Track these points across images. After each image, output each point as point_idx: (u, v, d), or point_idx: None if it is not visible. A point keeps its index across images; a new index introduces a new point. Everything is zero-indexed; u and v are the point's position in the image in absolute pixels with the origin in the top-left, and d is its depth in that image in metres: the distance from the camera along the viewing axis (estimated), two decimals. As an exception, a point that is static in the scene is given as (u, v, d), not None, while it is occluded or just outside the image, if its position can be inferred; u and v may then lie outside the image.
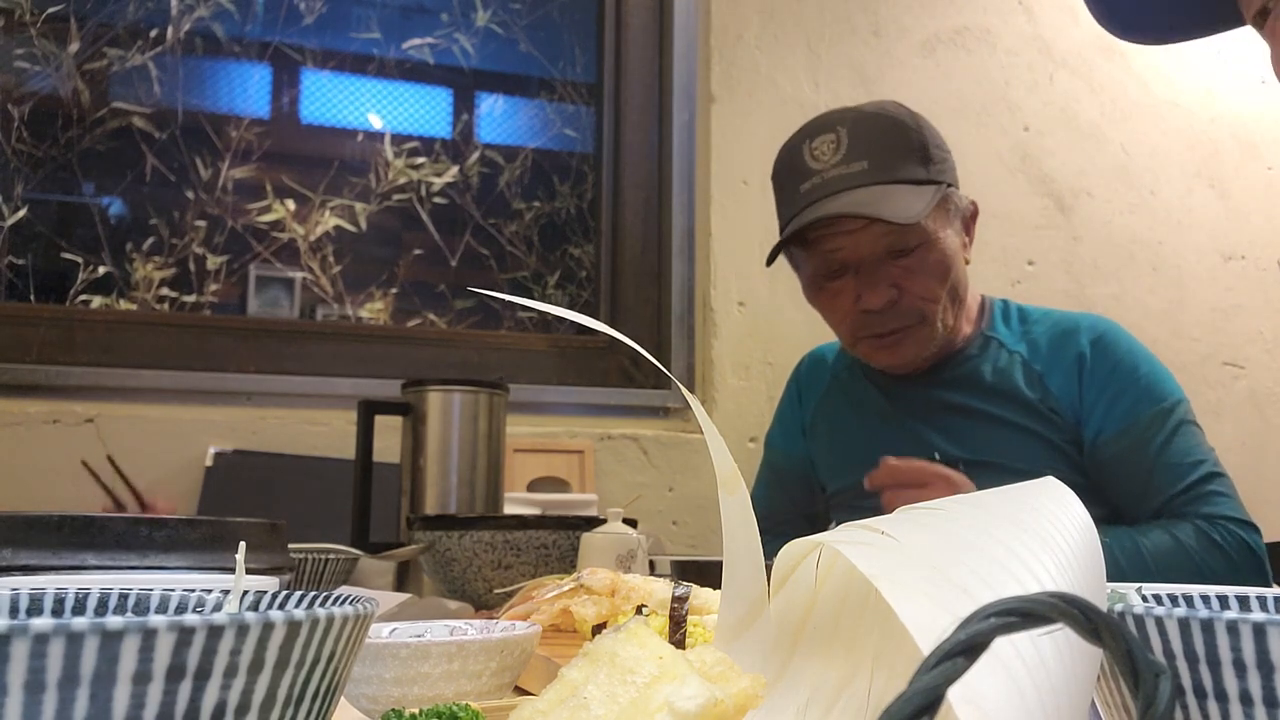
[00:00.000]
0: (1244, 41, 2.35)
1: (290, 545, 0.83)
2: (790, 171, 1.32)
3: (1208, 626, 0.29)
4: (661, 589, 0.73)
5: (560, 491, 1.78)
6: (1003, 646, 0.25)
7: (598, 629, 0.73)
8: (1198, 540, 1.23)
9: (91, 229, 1.91)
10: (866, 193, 1.23)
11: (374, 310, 2.06)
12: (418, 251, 2.10)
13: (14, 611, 0.36)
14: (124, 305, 1.89)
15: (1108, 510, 1.30)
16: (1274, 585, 1.28)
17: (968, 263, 1.36)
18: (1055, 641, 0.26)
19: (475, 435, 1.44)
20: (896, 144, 1.26)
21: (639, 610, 0.70)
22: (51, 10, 1.90)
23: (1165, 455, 1.28)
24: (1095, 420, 1.31)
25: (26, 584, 0.48)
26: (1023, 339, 1.38)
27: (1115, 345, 1.34)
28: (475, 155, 2.14)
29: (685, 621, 0.65)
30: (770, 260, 1.34)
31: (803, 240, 1.30)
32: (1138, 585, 0.41)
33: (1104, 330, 1.36)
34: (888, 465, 1.22)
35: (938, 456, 1.30)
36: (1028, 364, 1.35)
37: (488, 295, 2.05)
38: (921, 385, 1.39)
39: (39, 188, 1.88)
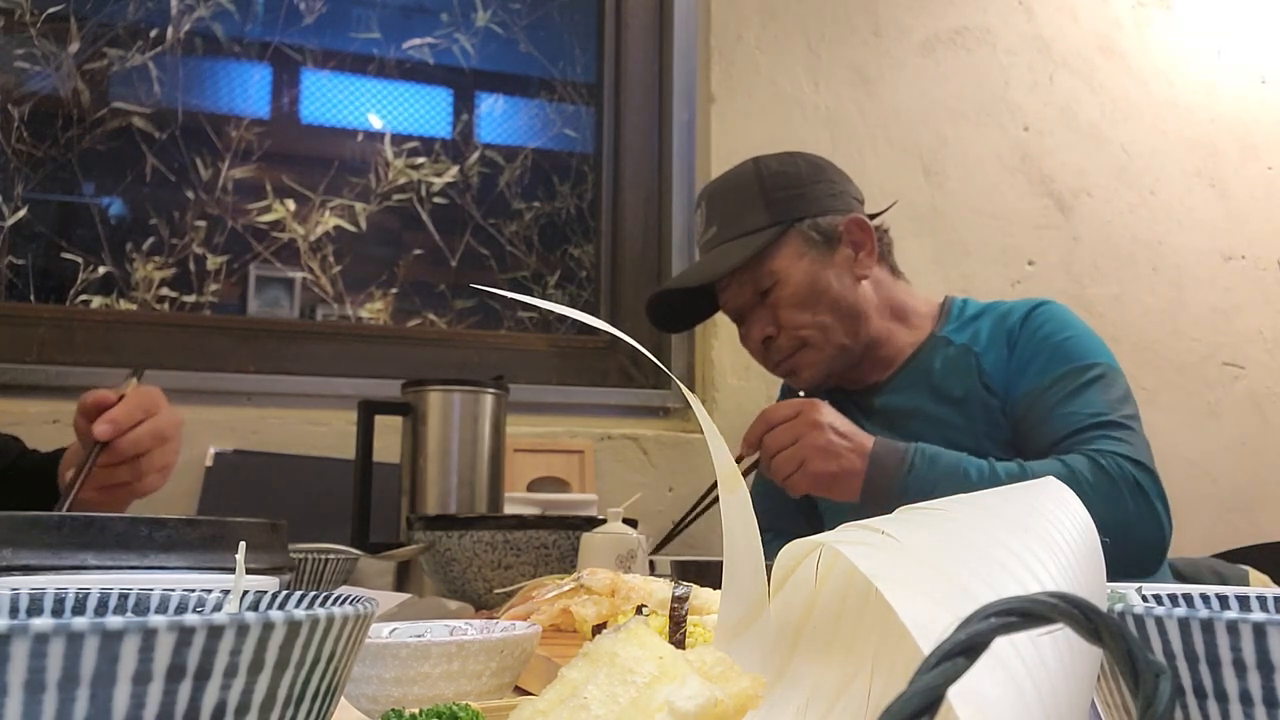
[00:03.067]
0: (1245, 41, 2.36)
1: (290, 545, 0.83)
2: None
3: (1208, 626, 0.29)
4: (661, 589, 0.73)
5: (560, 491, 1.78)
6: (1003, 646, 0.25)
7: (598, 629, 0.73)
8: (1089, 469, 1.20)
9: (91, 229, 1.90)
10: (711, 254, 1.41)
11: (374, 310, 2.06)
12: (418, 251, 2.10)
13: (14, 611, 0.36)
14: (124, 305, 1.89)
15: None
16: (1169, 537, 1.24)
17: (863, 278, 1.41)
18: (1055, 641, 0.26)
19: (475, 435, 1.44)
20: (736, 201, 1.41)
21: (639, 610, 0.70)
22: (51, 10, 1.90)
23: (1065, 406, 1.28)
24: (1014, 383, 1.34)
25: (26, 584, 0.48)
26: (969, 331, 1.42)
27: (1044, 316, 1.38)
28: (475, 155, 2.14)
29: (685, 621, 0.65)
30: (674, 329, 1.70)
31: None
32: (1138, 585, 0.41)
33: (1036, 305, 1.40)
34: (757, 420, 1.30)
35: None
36: (969, 351, 1.39)
37: (494, 293, 2.05)
38: (883, 392, 1.45)
39: (39, 188, 1.88)
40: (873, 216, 1.45)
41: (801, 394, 1.55)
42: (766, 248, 1.36)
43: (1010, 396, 1.34)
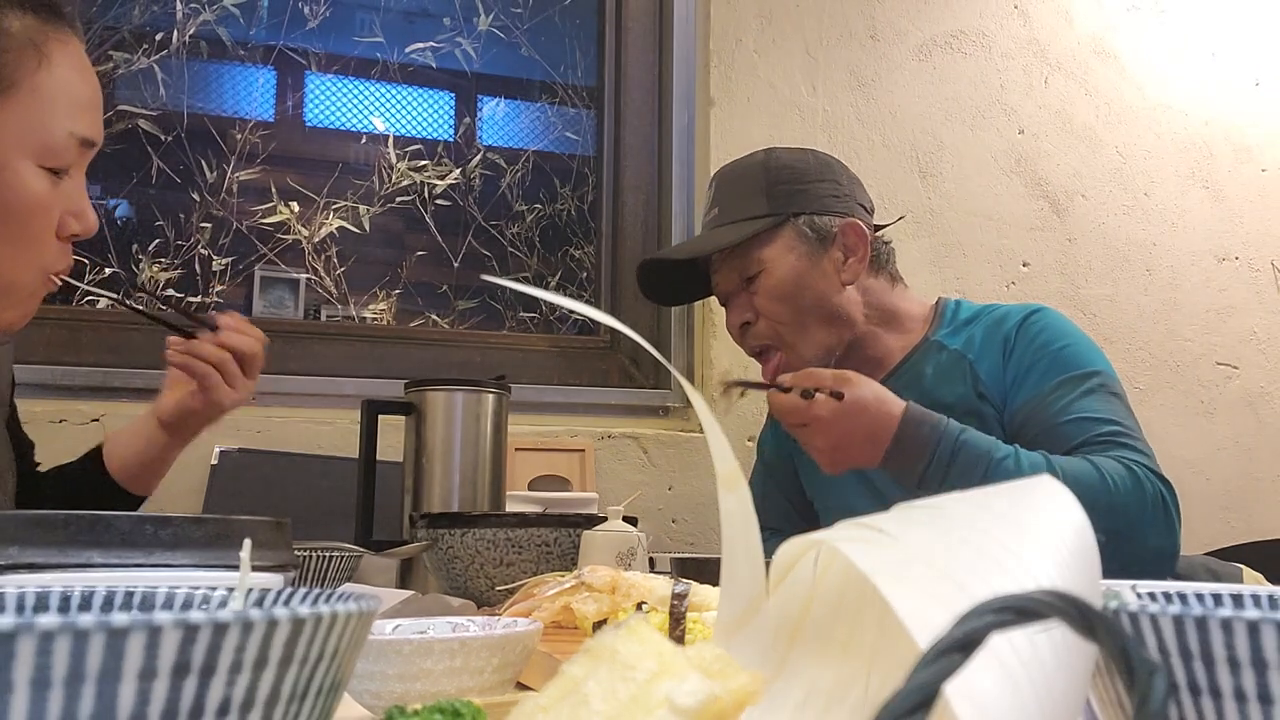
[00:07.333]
0: (1238, 44, 2.35)
1: (295, 543, 0.83)
2: None
3: (1202, 624, 0.29)
4: (661, 586, 0.74)
5: (561, 490, 1.78)
6: (999, 643, 0.25)
7: (598, 625, 0.73)
8: (1122, 474, 1.17)
9: (97, 230, 1.90)
10: (706, 233, 1.43)
11: (377, 311, 2.06)
12: (420, 253, 2.10)
13: (20, 609, 0.36)
14: (128, 306, 1.89)
15: None
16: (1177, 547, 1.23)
17: (847, 283, 1.39)
18: (1051, 638, 0.26)
19: (477, 434, 1.45)
20: (741, 188, 1.42)
21: (639, 607, 0.71)
22: (54, 12, 1.90)
23: (1071, 412, 1.25)
24: (1012, 393, 1.32)
25: (33, 582, 0.49)
26: (962, 336, 1.39)
27: (1038, 323, 1.35)
28: (477, 158, 2.15)
29: (685, 618, 0.65)
30: (662, 301, 1.75)
31: None
32: (1133, 583, 0.41)
33: (1031, 311, 1.37)
34: (776, 402, 1.23)
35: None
36: (963, 357, 1.37)
37: (504, 284, 2.06)
38: None
39: (42, 189, 1.88)
40: (879, 228, 1.44)
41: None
42: (757, 235, 1.37)
43: (1008, 406, 1.32)
